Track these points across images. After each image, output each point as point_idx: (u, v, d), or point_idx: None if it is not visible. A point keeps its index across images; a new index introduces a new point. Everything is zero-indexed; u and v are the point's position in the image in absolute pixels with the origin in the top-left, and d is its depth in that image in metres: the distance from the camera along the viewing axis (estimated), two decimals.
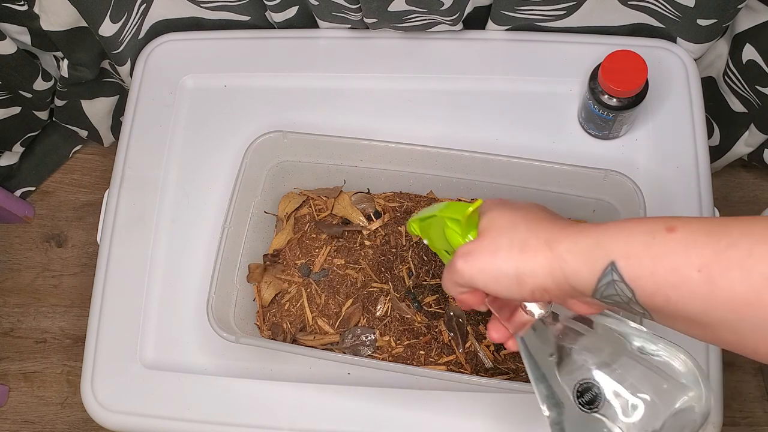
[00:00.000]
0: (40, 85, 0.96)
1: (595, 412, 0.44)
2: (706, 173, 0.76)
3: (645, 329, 0.46)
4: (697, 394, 0.44)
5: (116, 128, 1.15)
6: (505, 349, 0.70)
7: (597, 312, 0.46)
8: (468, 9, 0.79)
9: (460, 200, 0.76)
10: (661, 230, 0.36)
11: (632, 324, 0.46)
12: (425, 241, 0.55)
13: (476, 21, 0.83)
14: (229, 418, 0.71)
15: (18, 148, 1.15)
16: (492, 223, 0.45)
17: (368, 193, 0.78)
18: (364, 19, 0.80)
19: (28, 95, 0.98)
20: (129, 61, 0.88)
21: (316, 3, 0.77)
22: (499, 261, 0.43)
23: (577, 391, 0.45)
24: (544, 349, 0.47)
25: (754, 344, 0.34)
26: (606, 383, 0.45)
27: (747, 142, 0.98)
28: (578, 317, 0.47)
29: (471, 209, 0.46)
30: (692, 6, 0.73)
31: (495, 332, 0.50)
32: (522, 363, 0.70)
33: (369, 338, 0.71)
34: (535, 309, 0.46)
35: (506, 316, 0.49)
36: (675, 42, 0.82)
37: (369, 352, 0.71)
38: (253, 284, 0.74)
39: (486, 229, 0.45)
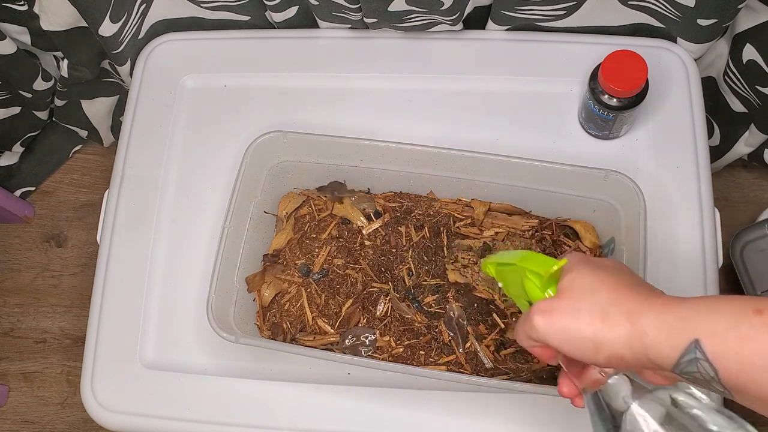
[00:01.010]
0: (40, 85, 0.96)
1: None
2: (706, 173, 0.76)
3: (714, 403, 0.44)
4: None
5: (116, 128, 1.15)
6: (505, 348, 0.70)
7: (671, 384, 0.45)
8: (468, 9, 0.79)
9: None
10: (749, 312, 0.37)
11: (703, 396, 0.45)
12: (500, 284, 0.55)
13: (476, 21, 0.83)
14: (229, 418, 0.71)
15: (18, 148, 1.15)
16: (573, 284, 0.45)
17: (368, 193, 0.78)
18: (364, 19, 0.80)
19: (28, 95, 0.98)
20: (129, 61, 0.88)
21: (316, 3, 0.77)
22: (578, 325, 0.43)
23: None
24: (611, 411, 0.46)
25: None
26: None
27: (747, 142, 0.98)
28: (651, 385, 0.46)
29: (555, 268, 0.46)
30: (692, 6, 0.73)
31: (565, 387, 0.49)
32: (522, 364, 0.70)
33: (369, 338, 0.71)
34: (609, 370, 0.46)
35: (576, 372, 0.48)
36: (675, 42, 0.82)
37: (369, 352, 0.71)
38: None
39: (567, 289, 0.45)
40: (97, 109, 1.07)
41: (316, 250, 0.76)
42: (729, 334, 0.36)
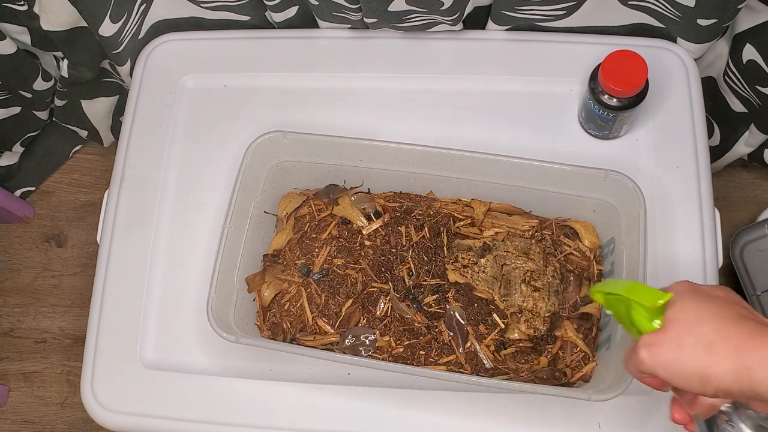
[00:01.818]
0: (40, 85, 0.96)
1: None
2: (706, 173, 0.76)
3: None
4: None
5: (116, 128, 1.15)
6: (505, 348, 0.70)
7: None
8: (468, 9, 0.79)
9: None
10: None
11: None
12: (609, 312, 0.55)
13: (476, 21, 0.83)
14: (229, 418, 0.71)
15: (18, 148, 1.15)
16: (679, 316, 0.45)
17: (368, 193, 0.78)
18: (364, 19, 0.80)
19: (28, 95, 0.98)
20: (129, 61, 0.88)
21: (316, 3, 0.77)
22: (683, 357, 0.44)
23: None
24: None
25: None
26: None
27: (747, 142, 0.98)
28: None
29: (661, 302, 0.47)
30: (692, 6, 0.73)
31: (677, 414, 0.50)
32: (522, 363, 0.70)
33: (369, 338, 0.71)
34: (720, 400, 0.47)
35: (688, 400, 0.49)
36: (675, 42, 0.82)
37: (369, 352, 0.71)
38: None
39: (673, 321, 0.45)
40: (97, 109, 1.07)
41: (316, 250, 0.76)
42: None
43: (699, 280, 0.72)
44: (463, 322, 0.71)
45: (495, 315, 0.71)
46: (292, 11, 0.83)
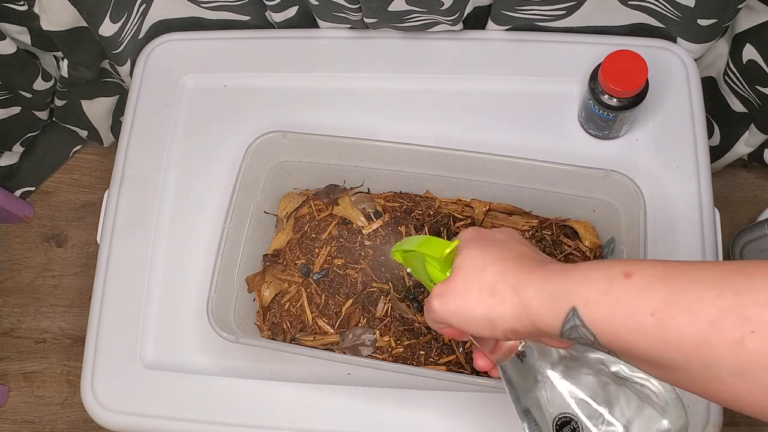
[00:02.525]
0: (40, 85, 0.96)
1: None
2: (706, 173, 0.76)
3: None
4: (676, 416, 0.44)
5: (116, 128, 1.15)
6: None
7: (570, 347, 0.46)
8: (468, 9, 0.79)
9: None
10: (619, 276, 0.38)
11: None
12: (408, 270, 0.56)
13: (476, 21, 0.83)
14: (229, 418, 0.71)
15: (18, 148, 1.15)
16: (464, 263, 0.46)
17: (368, 193, 0.78)
18: (364, 19, 0.80)
19: (28, 95, 0.98)
20: (129, 61, 0.88)
21: (316, 3, 0.77)
22: (470, 305, 0.44)
23: (557, 425, 0.46)
24: (526, 379, 0.48)
25: (702, 385, 0.35)
26: (586, 412, 0.45)
27: (747, 142, 0.98)
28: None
29: (447, 251, 0.47)
30: (692, 6, 0.73)
31: (480, 361, 0.51)
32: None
33: (369, 338, 0.71)
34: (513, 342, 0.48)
35: (489, 348, 0.50)
36: (675, 42, 0.82)
37: (369, 352, 0.71)
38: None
39: (459, 269, 0.46)
40: (97, 109, 1.07)
41: (316, 250, 0.76)
42: (601, 299, 0.38)
43: None
44: None
45: None
46: (292, 11, 0.83)
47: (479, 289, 0.44)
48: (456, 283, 0.45)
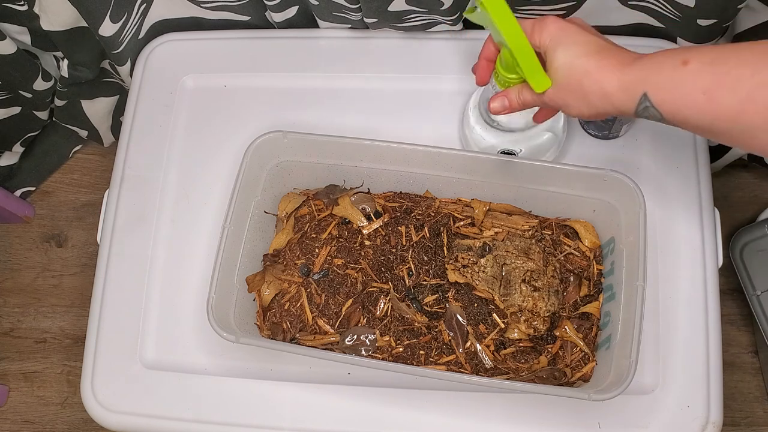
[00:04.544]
0: (40, 85, 0.96)
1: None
2: (706, 173, 0.76)
3: None
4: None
5: (116, 128, 1.15)
6: (505, 348, 0.70)
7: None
8: None
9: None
10: (679, 64, 0.48)
11: None
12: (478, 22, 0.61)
13: None
14: (229, 418, 0.71)
15: (18, 148, 1.15)
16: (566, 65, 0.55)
17: (368, 193, 0.78)
18: (364, 19, 0.80)
19: (28, 95, 0.98)
20: (129, 61, 0.88)
21: (316, 3, 0.77)
22: (596, 80, 0.53)
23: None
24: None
25: (742, 142, 0.47)
26: None
27: None
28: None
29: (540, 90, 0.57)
30: (692, 6, 0.73)
31: (496, 102, 0.61)
32: (522, 363, 0.70)
33: (369, 338, 0.71)
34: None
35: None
36: (675, 42, 0.82)
37: (369, 352, 0.71)
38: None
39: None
40: (97, 109, 1.07)
41: (316, 250, 0.76)
42: (666, 84, 0.49)
43: (699, 280, 0.72)
44: (463, 322, 0.71)
45: (495, 315, 0.71)
46: (292, 11, 0.83)
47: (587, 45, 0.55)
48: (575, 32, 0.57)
